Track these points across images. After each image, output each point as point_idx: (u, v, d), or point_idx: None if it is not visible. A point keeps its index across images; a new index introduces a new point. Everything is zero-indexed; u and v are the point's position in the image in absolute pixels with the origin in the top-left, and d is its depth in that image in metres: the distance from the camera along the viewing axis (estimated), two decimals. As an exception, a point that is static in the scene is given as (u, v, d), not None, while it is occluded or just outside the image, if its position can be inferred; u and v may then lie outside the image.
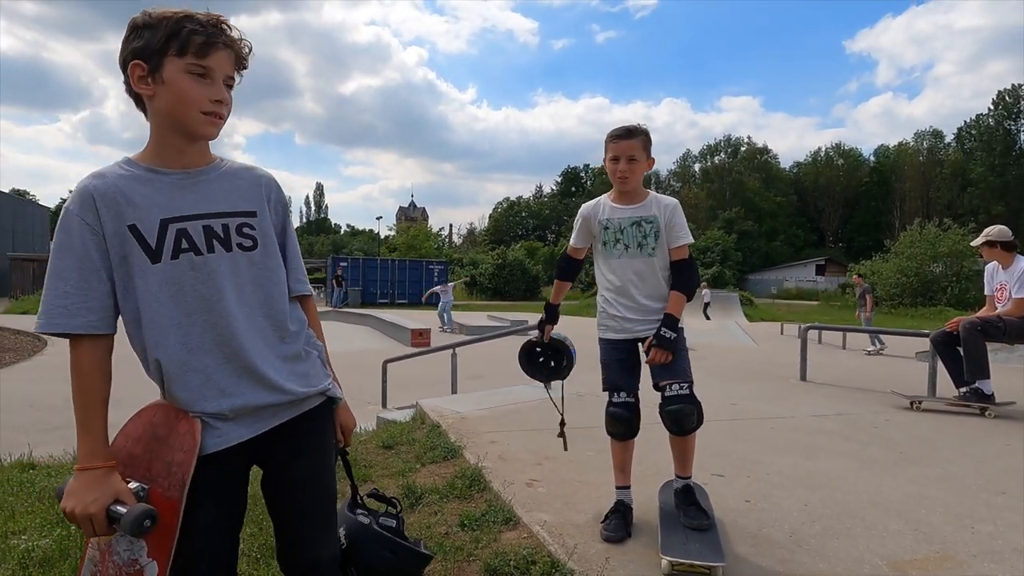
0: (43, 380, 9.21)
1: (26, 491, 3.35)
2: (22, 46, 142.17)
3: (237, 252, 1.34)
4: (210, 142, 1.39)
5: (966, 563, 2.27)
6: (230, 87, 1.37)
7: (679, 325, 2.50)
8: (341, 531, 1.56)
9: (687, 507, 2.46)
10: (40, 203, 53.10)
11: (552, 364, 2.79)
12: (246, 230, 1.36)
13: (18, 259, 29.97)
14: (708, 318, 24.43)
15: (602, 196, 2.66)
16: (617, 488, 2.60)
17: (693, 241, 2.62)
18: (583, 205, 2.69)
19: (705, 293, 25.64)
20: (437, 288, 19.97)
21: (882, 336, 11.30)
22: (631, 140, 2.47)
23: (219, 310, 1.30)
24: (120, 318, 1.31)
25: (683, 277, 2.54)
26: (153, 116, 1.32)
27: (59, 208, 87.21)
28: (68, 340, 1.27)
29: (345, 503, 1.67)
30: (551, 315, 2.76)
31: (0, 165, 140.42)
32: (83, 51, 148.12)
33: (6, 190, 47.54)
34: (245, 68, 1.41)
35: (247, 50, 1.39)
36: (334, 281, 30.21)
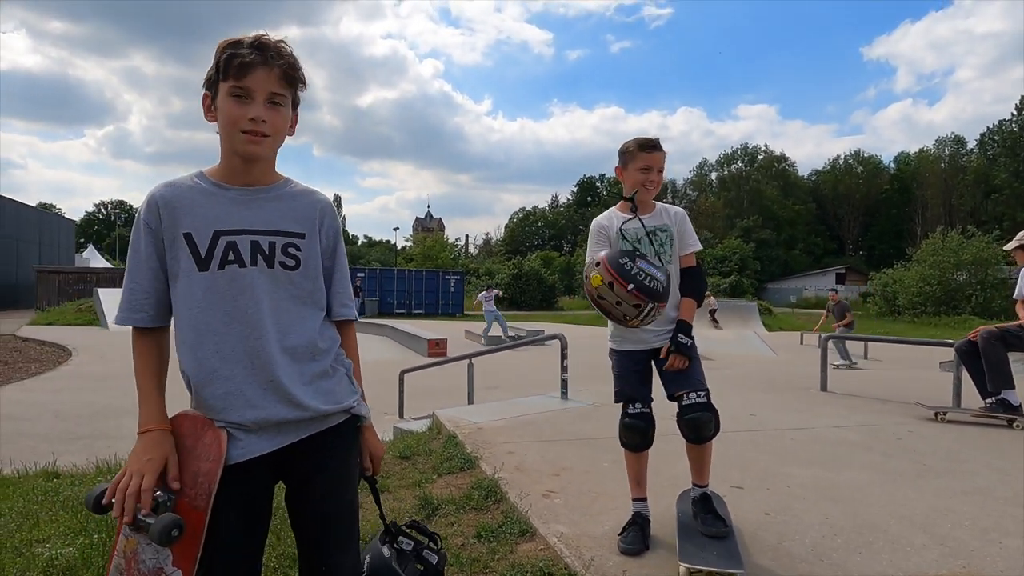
0: (68, 390, 9.38)
1: (50, 500, 3.41)
2: (49, 63, 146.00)
3: (279, 270, 1.39)
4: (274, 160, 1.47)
5: (994, 579, 2.22)
6: (280, 104, 1.39)
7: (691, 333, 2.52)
8: (365, 559, 1.56)
9: (705, 515, 2.45)
10: (65, 216, 54.25)
11: None
12: (291, 250, 1.40)
13: (44, 271, 30.55)
14: (717, 323, 24.27)
15: (610, 209, 2.69)
16: (634, 500, 2.59)
17: (701, 248, 2.64)
18: (595, 220, 2.68)
19: (711, 300, 25.56)
20: (481, 295, 19.21)
21: (849, 352, 11.17)
22: (662, 152, 2.54)
23: (254, 322, 1.34)
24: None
25: (693, 283, 2.57)
26: (221, 138, 1.40)
27: (84, 220, 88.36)
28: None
29: (378, 533, 1.67)
30: None
31: (27, 179, 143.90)
32: (107, 68, 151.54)
33: (33, 204, 48.58)
34: (298, 83, 1.43)
35: (291, 65, 1.39)
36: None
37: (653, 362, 2.57)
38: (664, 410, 2.60)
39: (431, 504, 2.99)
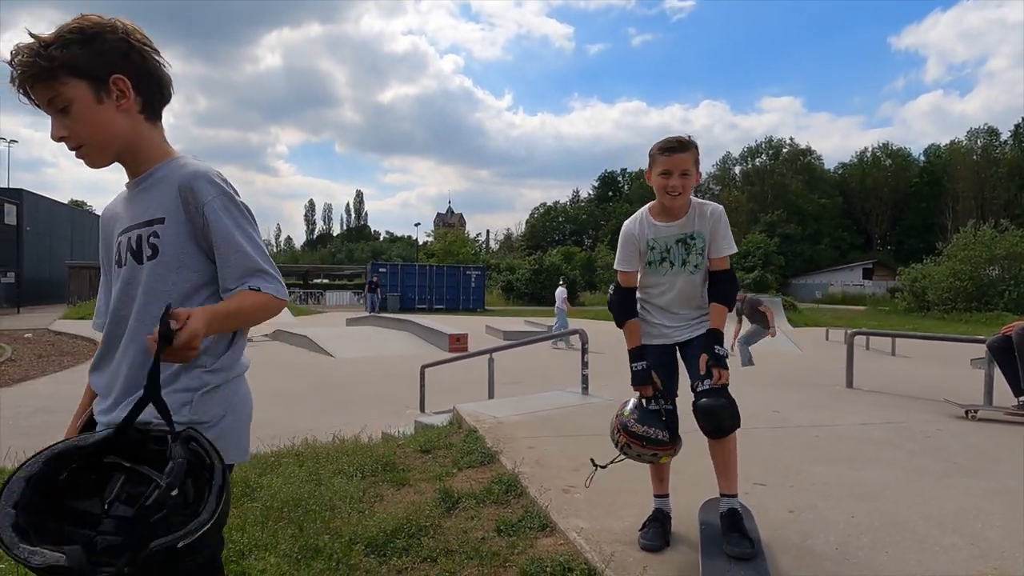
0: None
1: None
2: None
3: (146, 263, 1.30)
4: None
5: (1026, 581, 2.16)
6: (65, 109, 1.24)
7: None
8: None
9: (730, 533, 2.27)
10: (96, 213, 55.53)
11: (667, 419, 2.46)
12: (152, 239, 1.30)
13: (75, 266, 31.36)
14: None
15: (642, 211, 2.53)
16: (655, 496, 2.57)
17: (736, 251, 2.49)
18: (625, 224, 2.55)
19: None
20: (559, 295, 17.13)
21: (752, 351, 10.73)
22: (685, 153, 2.32)
23: (126, 322, 1.33)
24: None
25: (724, 289, 2.47)
26: None
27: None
28: None
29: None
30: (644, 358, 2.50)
31: (59, 177, 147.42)
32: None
33: (65, 201, 49.84)
34: (59, 71, 1.20)
35: (28, 66, 1.20)
36: (368, 287, 30.66)
37: (680, 356, 2.54)
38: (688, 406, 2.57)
39: (451, 497, 3.01)
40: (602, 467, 2.59)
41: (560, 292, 17.29)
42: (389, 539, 2.58)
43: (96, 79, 1.25)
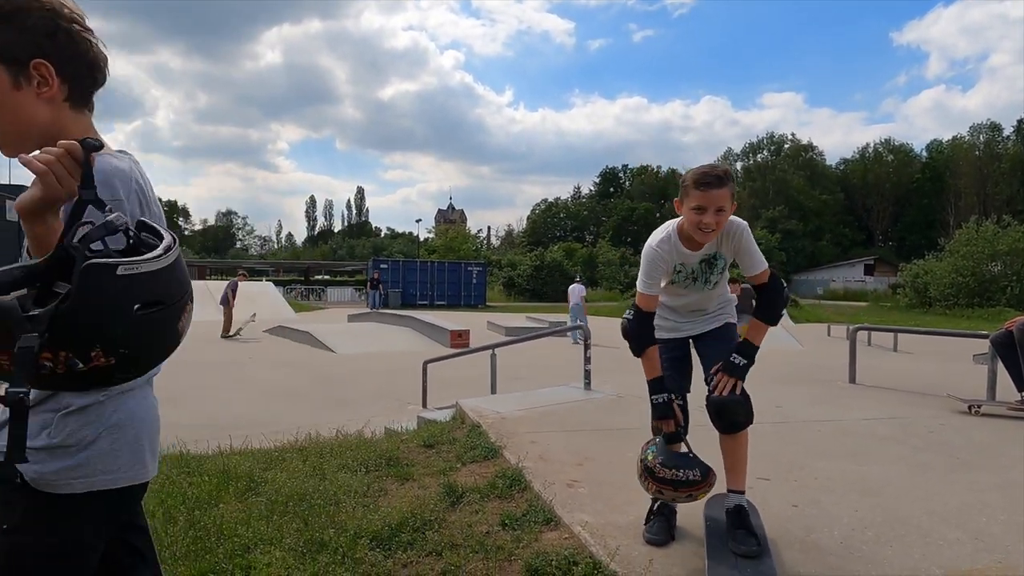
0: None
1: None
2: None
3: None
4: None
5: (1030, 575, 2.16)
6: None
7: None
8: None
9: (736, 530, 2.26)
10: (97, 209, 55.52)
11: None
12: None
13: (77, 263, 31.40)
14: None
15: (671, 231, 2.37)
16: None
17: (766, 267, 2.35)
18: (652, 243, 2.37)
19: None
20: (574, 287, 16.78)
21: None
22: (722, 189, 2.18)
23: None
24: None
25: (766, 302, 2.40)
26: None
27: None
28: None
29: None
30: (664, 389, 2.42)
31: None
32: (136, 63, 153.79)
33: (66, 197, 49.89)
34: None
35: None
36: (370, 284, 30.40)
37: (695, 349, 2.54)
38: (697, 401, 2.57)
39: (456, 492, 3.01)
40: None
41: (579, 288, 17.31)
42: (394, 533, 2.59)
43: (14, 62, 1.08)
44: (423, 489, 3.18)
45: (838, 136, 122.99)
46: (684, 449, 2.38)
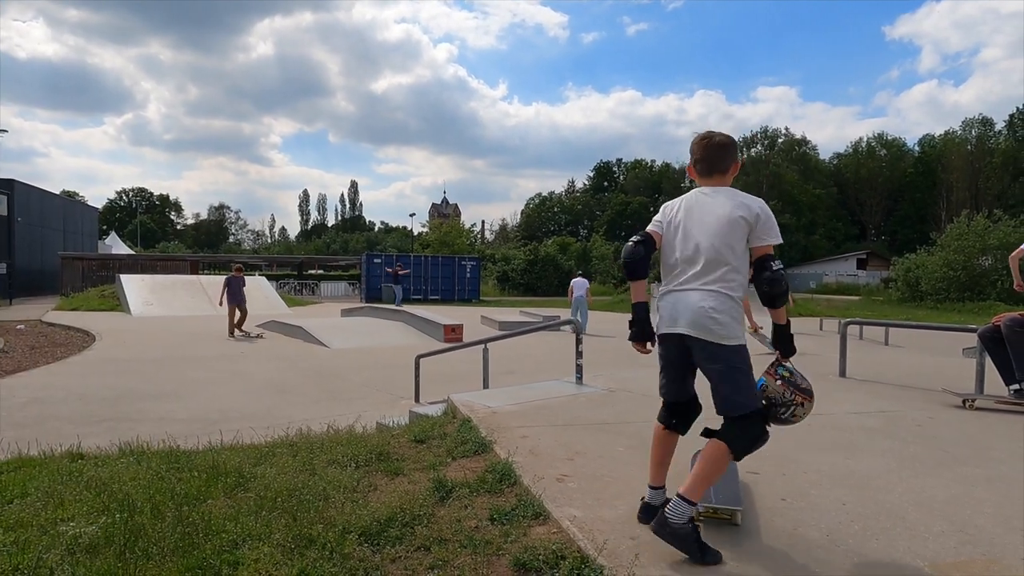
0: (93, 374, 9.57)
1: (75, 480, 3.48)
2: (67, 52, 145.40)
3: None
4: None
5: (1014, 567, 2.18)
6: None
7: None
8: None
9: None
10: (88, 203, 55.12)
11: None
12: None
13: (68, 257, 31.16)
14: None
15: None
16: (652, 488, 2.53)
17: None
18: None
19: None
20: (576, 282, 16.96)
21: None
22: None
23: None
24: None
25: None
26: None
27: (106, 208, 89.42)
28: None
29: None
30: None
31: (51, 167, 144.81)
32: (125, 56, 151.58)
33: (57, 191, 49.44)
34: None
35: None
36: (393, 278, 26.13)
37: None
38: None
39: (445, 487, 3.01)
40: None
41: (583, 282, 17.39)
42: (383, 528, 2.58)
43: None
44: (413, 484, 3.17)
45: (831, 130, 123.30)
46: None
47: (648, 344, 2.51)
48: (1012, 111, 64.76)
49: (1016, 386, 4.68)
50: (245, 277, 16.05)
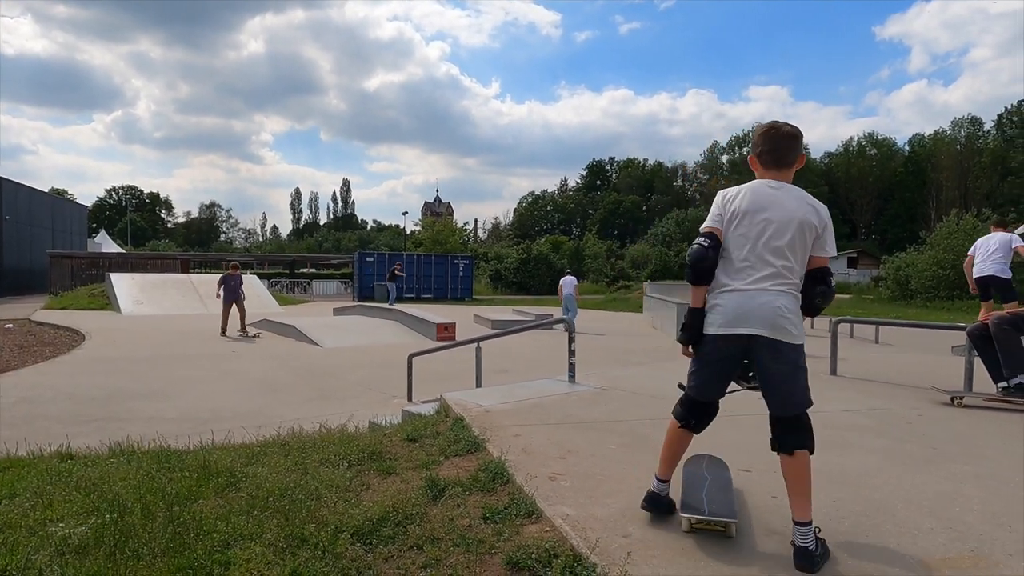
0: (82, 374, 9.49)
1: (64, 480, 3.46)
2: (56, 49, 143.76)
3: None
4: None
5: (1002, 563, 2.20)
6: None
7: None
8: None
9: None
10: (77, 202, 54.66)
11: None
12: None
13: (57, 256, 30.88)
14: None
15: None
16: (658, 480, 2.56)
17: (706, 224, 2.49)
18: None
19: None
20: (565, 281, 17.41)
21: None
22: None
23: None
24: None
25: None
26: None
27: (96, 206, 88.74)
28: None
29: None
30: None
31: (39, 165, 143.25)
32: (115, 52, 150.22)
33: (45, 189, 48.99)
34: None
35: None
36: (389, 276, 26.04)
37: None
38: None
39: (438, 486, 3.01)
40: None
41: (572, 280, 17.54)
42: (375, 527, 2.58)
43: None
44: (405, 483, 3.17)
45: (823, 130, 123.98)
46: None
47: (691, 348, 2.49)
48: (1001, 111, 65.50)
49: (1004, 383, 4.73)
50: (241, 275, 15.80)
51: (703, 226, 2.46)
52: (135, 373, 9.34)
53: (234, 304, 14.73)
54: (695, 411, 2.52)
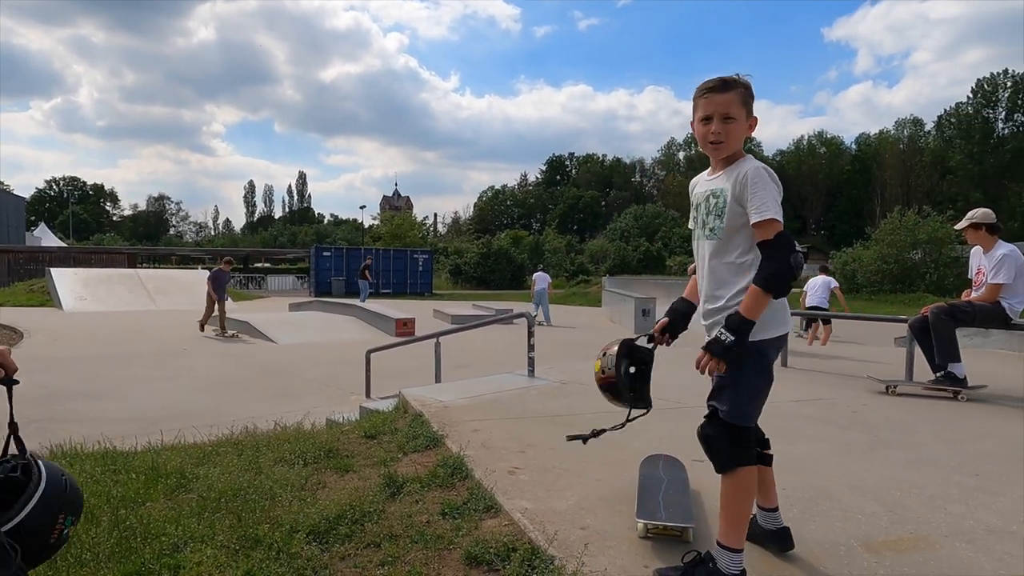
0: (21, 373, 9.02)
1: (0, 485, 3.29)
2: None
3: None
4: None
5: (938, 543, 2.32)
6: None
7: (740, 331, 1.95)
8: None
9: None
10: (14, 193, 52.02)
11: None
12: None
13: (-8, 250, 29.36)
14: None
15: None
16: (761, 510, 2.38)
17: (774, 217, 1.97)
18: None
19: None
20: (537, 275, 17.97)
21: None
22: (727, 94, 2.03)
23: None
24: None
25: (761, 265, 1.98)
26: None
27: (35, 197, 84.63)
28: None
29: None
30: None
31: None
32: (55, 37, 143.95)
33: (-21, 180, 46.48)
34: None
35: None
36: (361, 273, 24.72)
37: None
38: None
39: (396, 482, 2.98)
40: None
41: (545, 276, 17.81)
42: (331, 526, 2.54)
43: None
44: (363, 480, 3.13)
45: (775, 128, 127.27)
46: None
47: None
48: (940, 112, 68.42)
49: (940, 372, 4.95)
50: (222, 270, 14.69)
51: (783, 225, 2.02)
52: (78, 372, 8.95)
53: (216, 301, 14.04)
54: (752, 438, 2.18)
